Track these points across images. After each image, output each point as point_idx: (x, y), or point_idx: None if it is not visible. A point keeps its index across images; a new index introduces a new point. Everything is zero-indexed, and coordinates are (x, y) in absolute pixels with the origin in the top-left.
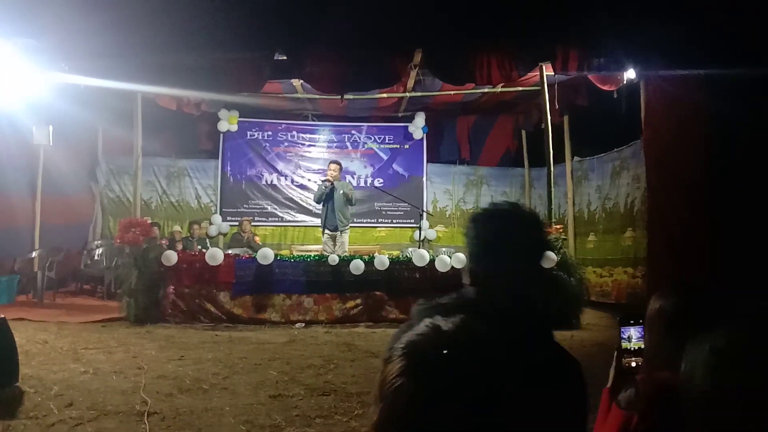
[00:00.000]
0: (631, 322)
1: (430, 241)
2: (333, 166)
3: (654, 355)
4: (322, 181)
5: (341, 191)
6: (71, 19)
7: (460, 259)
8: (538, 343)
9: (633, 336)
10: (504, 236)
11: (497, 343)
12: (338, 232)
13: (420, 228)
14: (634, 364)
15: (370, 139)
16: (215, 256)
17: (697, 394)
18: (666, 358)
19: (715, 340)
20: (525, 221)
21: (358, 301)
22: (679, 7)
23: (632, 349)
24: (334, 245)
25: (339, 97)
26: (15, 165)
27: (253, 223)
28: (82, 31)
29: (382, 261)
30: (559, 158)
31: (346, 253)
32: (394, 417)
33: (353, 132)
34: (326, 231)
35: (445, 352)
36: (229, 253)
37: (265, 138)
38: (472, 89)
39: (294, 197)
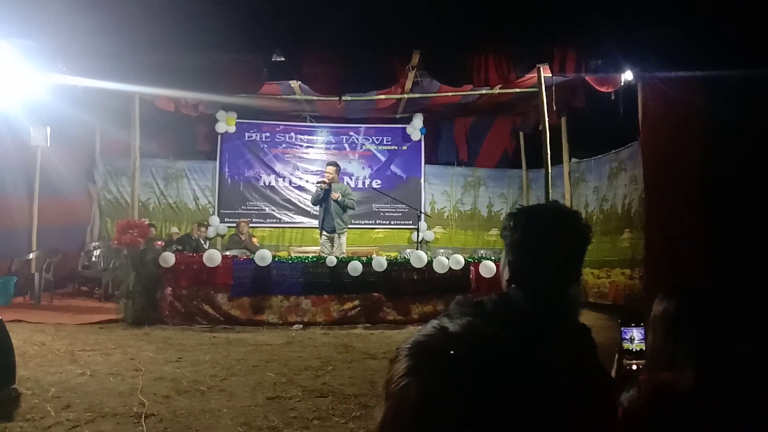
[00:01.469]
0: (632, 323)
1: (428, 242)
2: (330, 168)
3: (656, 356)
4: (318, 182)
5: (338, 194)
6: (68, 19)
7: (458, 261)
8: (569, 350)
9: (635, 337)
10: (567, 242)
11: (506, 345)
12: (336, 234)
13: (418, 229)
14: (635, 366)
15: (368, 140)
16: (213, 257)
17: None
18: (668, 359)
19: None
20: (583, 225)
21: (356, 302)
22: (677, 9)
23: (634, 350)
24: (332, 247)
25: (337, 98)
26: (12, 166)
27: (251, 225)
28: (79, 31)
29: (380, 262)
30: (557, 160)
31: (344, 255)
32: (400, 415)
33: (351, 133)
34: (324, 233)
35: (451, 352)
36: (226, 255)
37: (263, 139)
38: (469, 91)
39: (292, 198)
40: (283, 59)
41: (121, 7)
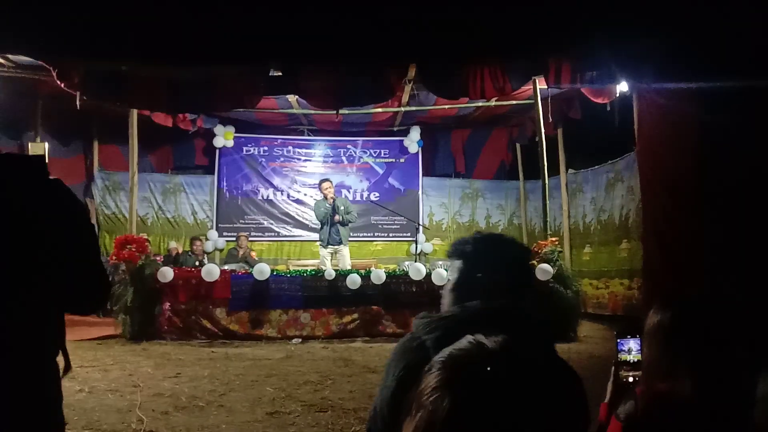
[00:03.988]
0: (628, 334)
1: (427, 254)
2: (327, 184)
3: (653, 368)
4: (319, 200)
5: (341, 207)
6: (65, 27)
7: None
8: (552, 357)
9: (633, 348)
10: (502, 253)
11: (537, 363)
12: (341, 246)
13: (416, 241)
14: (631, 378)
15: (366, 153)
16: (211, 272)
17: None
18: (665, 371)
19: None
20: (516, 243)
21: (355, 315)
22: (671, 21)
23: (631, 361)
24: (334, 260)
25: (334, 112)
26: None
27: (249, 239)
28: (75, 42)
29: (378, 275)
30: (554, 171)
31: (348, 267)
32: (430, 427)
33: (349, 146)
34: (329, 246)
35: (488, 369)
36: (225, 269)
37: (261, 153)
38: (466, 103)
39: (290, 212)
40: (280, 74)
41: (117, 22)
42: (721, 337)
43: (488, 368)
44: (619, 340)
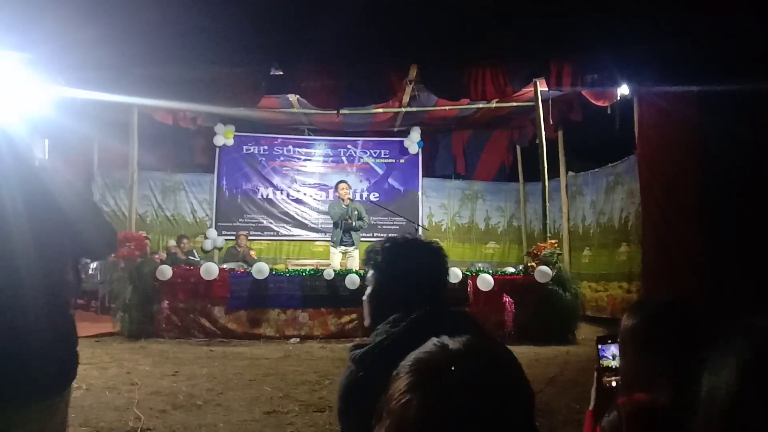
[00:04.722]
0: (609, 340)
1: None
2: (343, 185)
3: (631, 376)
4: (334, 201)
5: (356, 212)
6: (67, 32)
7: (455, 274)
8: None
9: (615, 354)
10: (412, 260)
11: (499, 361)
12: (353, 248)
13: None
14: (614, 383)
15: (366, 153)
16: (210, 270)
17: (720, 413)
18: (643, 379)
19: (741, 353)
20: (425, 245)
21: (354, 315)
22: (672, 24)
23: (614, 367)
24: (343, 260)
25: (335, 111)
26: None
27: (248, 238)
28: (78, 44)
29: None
30: (554, 173)
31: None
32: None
33: (349, 146)
34: (341, 247)
35: (452, 368)
36: (224, 268)
37: (261, 152)
38: (467, 104)
39: (290, 211)
40: (281, 73)
41: (120, 20)
42: (694, 341)
43: (453, 368)
44: (600, 346)
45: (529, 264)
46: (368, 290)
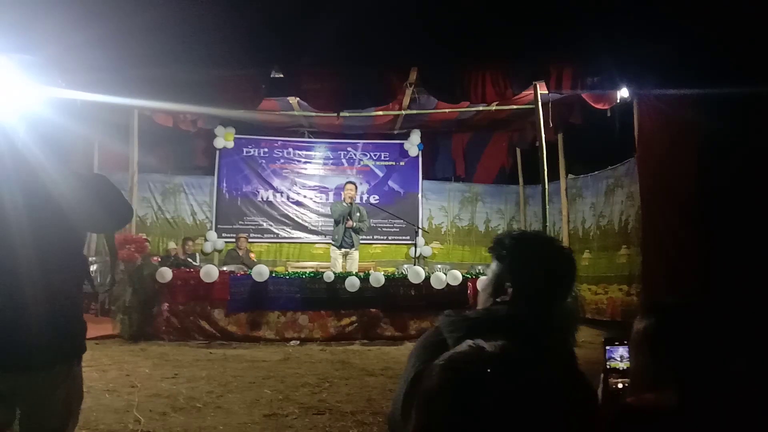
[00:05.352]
0: (617, 342)
1: (426, 257)
2: (350, 186)
3: (640, 377)
4: (337, 201)
5: (357, 214)
6: (67, 33)
7: (455, 276)
8: (567, 369)
9: (623, 355)
10: (552, 264)
11: (537, 368)
12: (353, 250)
13: (415, 245)
14: (621, 385)
15: (366, 156)
16: (210, 273)
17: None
18: (652, 379)
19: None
20: (553, 246)
21: (353, 318)
22: (672, 27)
23: (621, 369)
24: (344, 262)
25: (335, 114)
26: None
27: (248, 240)
28: (78, 46)
29: (377, 278)
30: (554, 176)
31: (355, 271)
32: (429, 429)
33: (349, 149)
34: (342, 248)
35: (488, 371)
36: (224, 270)
37: (261, 155)
38: (467, 107)
39: (290, 214)
40: (281, 76)
41: (120, 22)
42: (705, 344)
43: (487, 371)
44: (607, 348)
45: None
46: (485, 279)
